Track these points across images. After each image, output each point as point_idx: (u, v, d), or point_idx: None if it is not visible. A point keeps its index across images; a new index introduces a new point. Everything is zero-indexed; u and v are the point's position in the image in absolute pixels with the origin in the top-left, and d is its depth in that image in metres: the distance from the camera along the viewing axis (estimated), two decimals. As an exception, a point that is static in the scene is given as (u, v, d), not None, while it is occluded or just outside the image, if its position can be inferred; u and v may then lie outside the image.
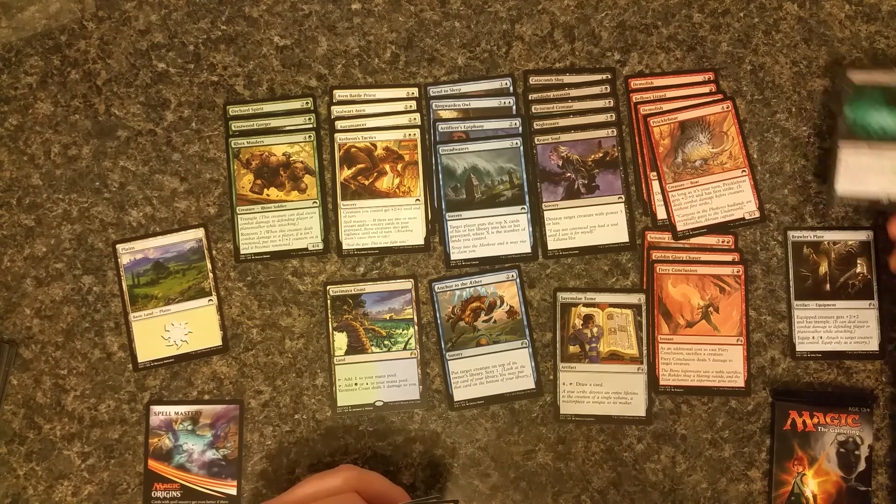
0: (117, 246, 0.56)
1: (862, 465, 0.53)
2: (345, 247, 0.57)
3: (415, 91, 0.58)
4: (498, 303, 0.56)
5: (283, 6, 0.59)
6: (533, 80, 0.58)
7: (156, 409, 0.55)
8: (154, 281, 0.56)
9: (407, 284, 0.56)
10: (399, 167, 0.57)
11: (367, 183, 0.57)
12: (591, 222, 0.57)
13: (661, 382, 0.55)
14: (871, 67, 0.45)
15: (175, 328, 0.56)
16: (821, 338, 0.55)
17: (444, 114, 0.58)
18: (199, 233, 0.57)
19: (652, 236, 0.57)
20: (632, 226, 0.57)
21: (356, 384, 0.55)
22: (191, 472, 0.54)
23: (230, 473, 0.54)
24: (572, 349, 0.55)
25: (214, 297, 0.56)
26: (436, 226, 0.57)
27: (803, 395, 0.55)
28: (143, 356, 0.56)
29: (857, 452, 0.53)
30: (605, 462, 0.55)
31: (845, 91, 0.46)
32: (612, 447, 0.55)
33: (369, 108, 0.58)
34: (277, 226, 0.57)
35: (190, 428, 0.55)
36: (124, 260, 0.56)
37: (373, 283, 0.56)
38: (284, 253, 0.57)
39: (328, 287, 0.56)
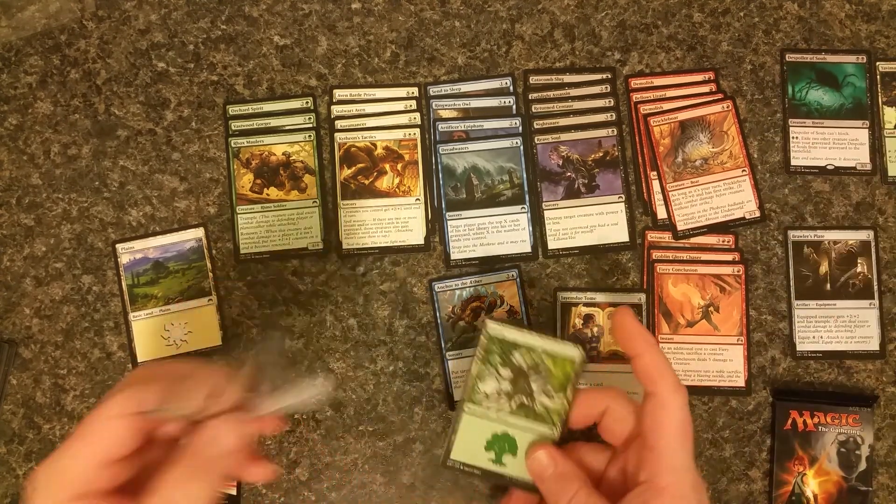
0: (117, 245, 0.56)
1: (863, 465, 0.53)
2: (345, 246, 0.57)
3: (415, 90, 0.58)
4: (498, 302, 0.56)
5: (283, 6, 0.59)
6: (533, 79, 0.58)
7: (155, 408, 0.55)
8: (154, 280, 0.56)
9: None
10: (399, 167, 0.57)
11: (367, 182, 0.57)
12: (592, 222, 0.57)
13: (662, 382, 0.55)
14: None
15: (175, 328, 0.56)
16: (821, 337, 0.55)
17: (444, 113, 0.58)
18: (199, 232, 0.57)
19: (652, 236, 0.57)
20: (632, 225, 0.57)
21: None
22: (190, 472, 0.54)
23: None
24: (572, 349, 0.55)
25: (214, 297, 0.56)
26: (436, 225, 0.57)
27: (804, 395, 0.55)
28: (142, 356, 0.56)
29: (857, 452, 0.53)
30: (606, 462, 0.55)
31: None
32: (612, 447, 0.55)
33: (369, 108, 0.58)
34: (277, 225, 0.57)
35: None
36: (124, 259, 0.56)
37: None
38: (284, 252, 0.56)
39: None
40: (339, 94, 0.58)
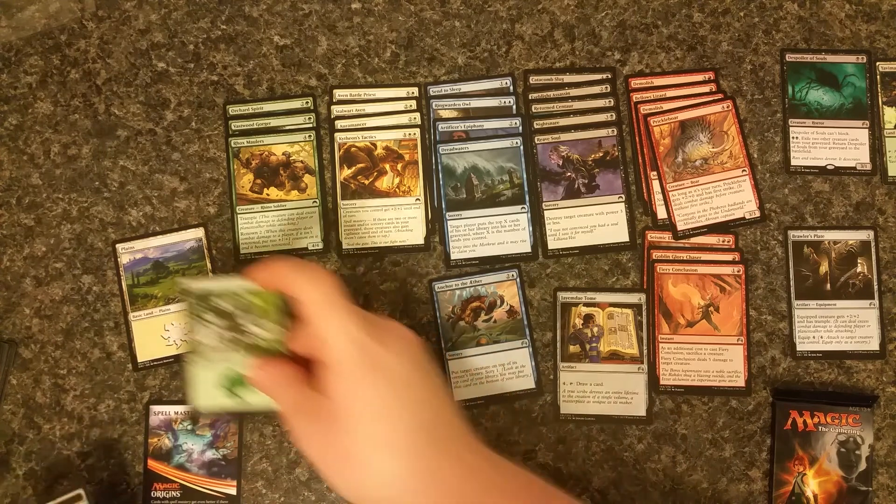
0: (117, 245, 0.56)
1: (863, 465, 0.53)
2: (345, 246, 0.57)
3: (415, 90, 0.58)
4: (498, 302, 0.56)
5: (283, 6, 0.59)
6: (533, 79, 0.58)
7: (155, 408, 0.55)
8: (154, 280, 0.56)
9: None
10: (399, 167, 0.57)
11: (367, 182, 0.57)
12: (592, 222, 0.57)
13: (662, 382, 0.55)
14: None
15: (175, 328, 0.56)
16: (821, 337, 0.55)
17: (445, 113, 0.58)
18: (199, 232, 0.57)
19: (652, 236, 0.57)
20: (632, 225, 0.57)
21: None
22: (190, 471, 0.54)
23: (230, 473, 0.54)
24: (572, 349, 0.55)
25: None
26: (436, 225, 0.57)
27: (804, 395, 0.55)
28: (142, 356, 0.56)
29: (857, 452, 0.53)
30: (606, 462, 0.55)
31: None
32: (612, 447, 0.55)
33: (369, 108, 0.58)
34: (277, 225, 0.57)
35: (190, 427, 0.55)
36: (124, 259, 0.56)
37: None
38: (284, 252, 0.56)
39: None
40: (339, 94, 0.58)
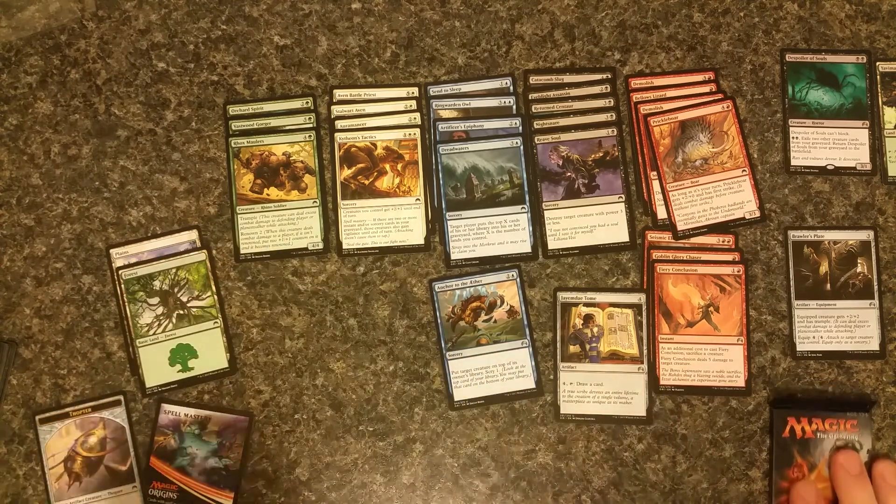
0: (111, 250, 0.56)
1: (862, 466, 0.53)
2: (345, 246, 0.57)
3: (415, 91, 0.58)
4: (498, 302, 0.56)
5: (283, 6, 0.59)
6: (533, 79, 0.58)
7: (167, 407, 0.55)
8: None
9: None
10: (399, 167, 0.57)
11: (367, 182, 0.57)
12: (592, 222, 0.57)
13: (662, 382, 0.55)
14: None
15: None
16: (821, 337, 0.55)
17: (445, 113, 0.58)
18: (193, 234, 0.57)
19: (652, 236, 0.57)
20: (632, 225, 0.57)
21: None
22: (191, 476, 0.54)
23: (229, 484, 0.54)
24: (572, 349, 0.55)
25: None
26: (436, 225, 0.57)
27: (801, 402, 0.55)
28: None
29: (857, 453, 0.53)
30: (606, 462, 0.55)
31: None
32: (612, 447, 0.55)
33: (369, 108, 0.58)
34: (277, 225, 0.57)
35: (197, 432, 0.55)
36: (118, 264, 0.56)
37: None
38: (284, 252, 0.56)
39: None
40: (339, 94, 0.58)
